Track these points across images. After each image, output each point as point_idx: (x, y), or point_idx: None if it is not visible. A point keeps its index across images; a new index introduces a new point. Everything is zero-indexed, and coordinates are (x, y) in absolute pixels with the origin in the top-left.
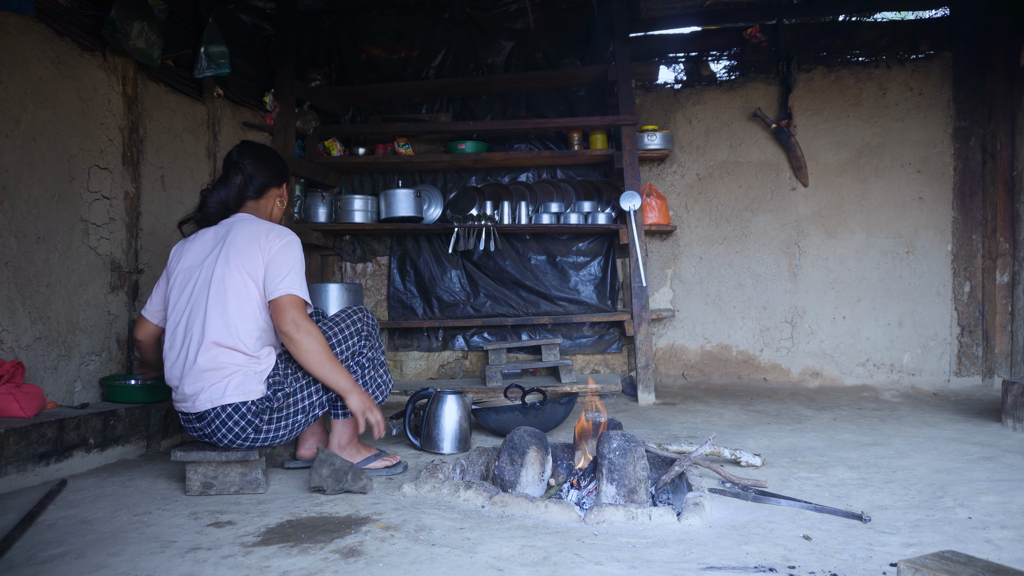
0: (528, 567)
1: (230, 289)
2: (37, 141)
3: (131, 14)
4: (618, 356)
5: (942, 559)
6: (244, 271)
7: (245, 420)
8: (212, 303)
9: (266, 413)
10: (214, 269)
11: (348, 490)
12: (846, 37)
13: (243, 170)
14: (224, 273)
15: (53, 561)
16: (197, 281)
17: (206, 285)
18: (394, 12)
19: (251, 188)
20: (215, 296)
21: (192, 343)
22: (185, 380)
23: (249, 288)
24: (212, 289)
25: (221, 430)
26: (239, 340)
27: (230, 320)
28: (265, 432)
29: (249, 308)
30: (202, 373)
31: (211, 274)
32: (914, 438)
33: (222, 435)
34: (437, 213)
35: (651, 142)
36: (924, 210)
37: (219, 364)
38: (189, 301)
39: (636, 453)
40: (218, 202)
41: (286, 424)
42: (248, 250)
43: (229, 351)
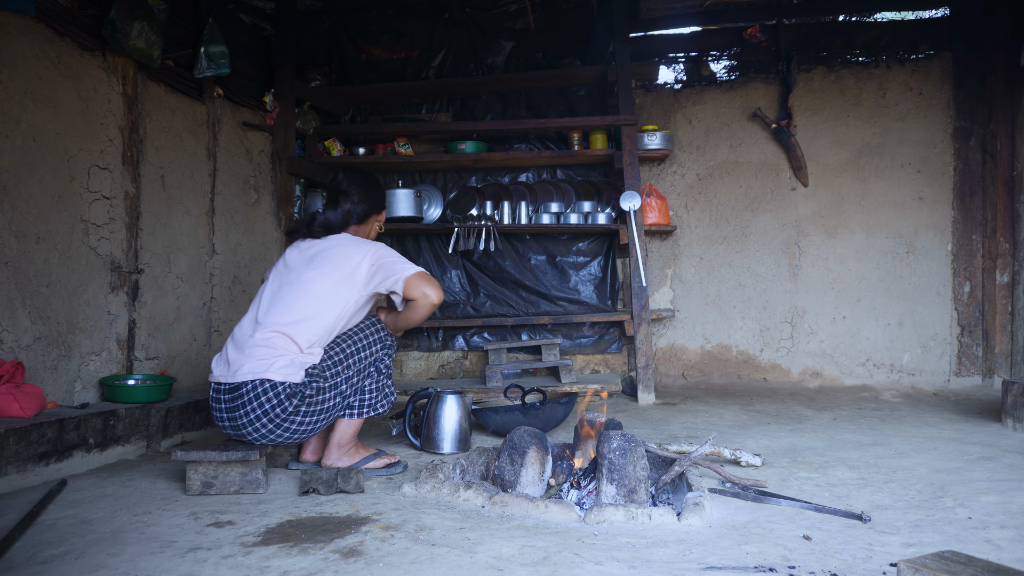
0: (528, 567)
1: (311, 292)
2: (37, 141)
3: (131, 14)
4: (618, 356)
5: (942, 559)
6: (331, 283)
7: (277, 399)
8: (290, 298)
9: (297, 398)
10: (303, 272)
11: (342, 490)
12: (846, 37)
13: (351, 199)
14: (311, 277)
15: (53, 561)
16: (286, 280)
17: (293, 284)
18: (394, 12)
19: (355, 215)
20: (295, 294)
21: (258, 322)
22: (235, 348)
23: (334, 299)
24: (296, 288)
25: (251, 404)
26: (300, 335)
27: (301, 316)
28: (289, 420)
29: (332, 312)
30: (254, 348)
31: (300, 276)
32: (914, 438)
33: (250, 409)
34: (437, 213)
35: (651, 142)
36: (924, 210)
37: (272, 345)
38: (274, 294)
39: (636, 453)
40: (324, 223)
41: (308, 420)
42: (340, 263)
43: (287, 340)
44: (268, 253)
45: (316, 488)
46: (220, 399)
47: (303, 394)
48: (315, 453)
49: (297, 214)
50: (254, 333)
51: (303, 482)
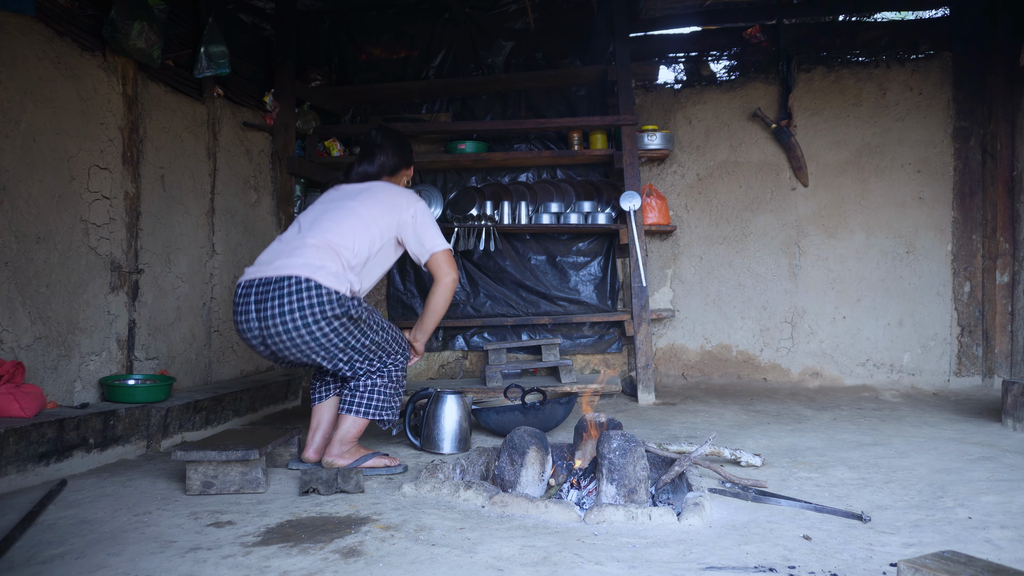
0: (528, 567)
1: (356, 214)
2: (37, 141)
3: (131, 14)
4: (618, 356)
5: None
6: (374, 213)
7: (319, 300)
8: (336, 219)
9: (340, 309)
10: (350, 202)
11: (342, 490)
12: (846, 37)
13: (386, 152)
14: (358, 206)
15: (53, 561)
16: (330, 208)
17: (337, 209)
18: (394, 12)
19: (388, 167)
20: (340, 216)
21: (301, 233)
22: (271, 254)
23: (372, 226)
24: (341, 212)
25: (289, 297)
26: (345, 253)
27: (346, 235)
28: (321, 328)
29: (367, 238)
30: (298, 249)
31: (346, 204)
32: (914, 438)
33: (287, 303)
34: (437, 213)
35: (651, 142)
36: (924, 210)
37: (320, 254)
38: (317, 217)
39: (636, 453)
40: (361, 174)
41: (336, 343)
42: (385, 200)
43: (333, 253)
44: None
45: (316, 488)
46: (250, 294)
47: (348, 310)
48: (317, 453)
49: (297, 214)
50: (300, 242)
51: (303, 482)
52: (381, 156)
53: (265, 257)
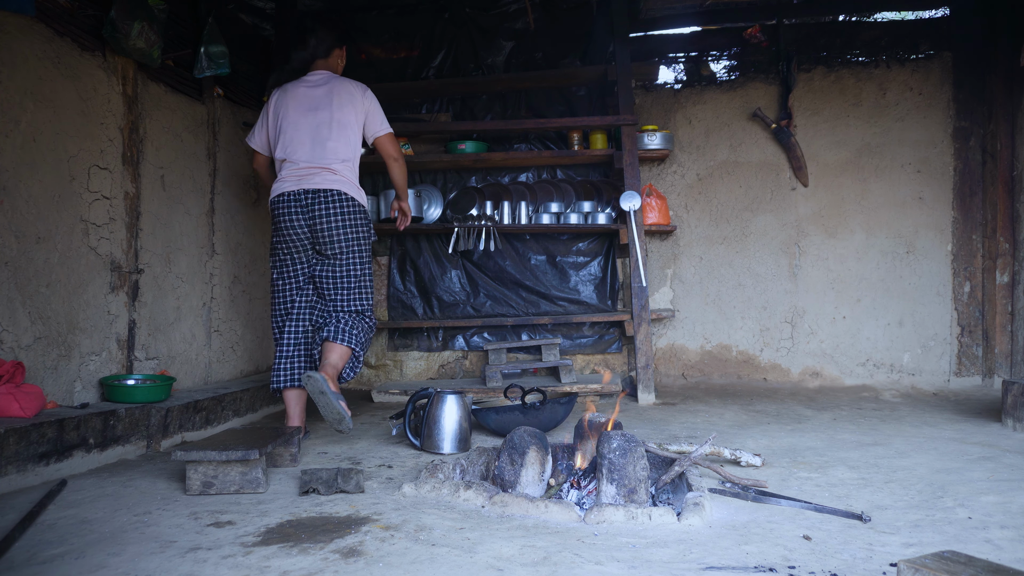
0: (528, 567)
1: (346, 133)
2: (37, 141)
3: (131, 14)
4: (618, 356)
5: (942, 559)
6: (351, 116)
7: (362, 211)
8: (334, 136)
9: (367, 220)
10: (331, 111)
11: (342, 490)
12: (846, 37)
13: (316, 35)
14: (340, 116)
15: (53, 561)
16: (317, 118)
17: (327, 122)
18: (394, 12)
19: (321, 49)
20: (335, 133)
21: (315, 153)
22: (299, 168)
23: (354, 129)
24: (333, 125)
25: (338, 208)
26: (349, 172)
27: (346, 156)
28: (364, 232)
29: (355, 151)
30: (323, 171)
31: (330, 115)
32: (914, 438)
33: (338, 211)
34: (437, 213)
35: (651, 142)
36: (924, 210)
37: (338, 174)
38: (315, 130)
39: (636, 453)
40: (300, 60)
41: (366, 252)
42: (351, 101)
43: (347, 174)
44: (268, 253)
45: (316, 488)
46: (298, 202)
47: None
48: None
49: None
50: (318, 160)
51: (303, 482)
52: (313, 39)
53: (295, 173)
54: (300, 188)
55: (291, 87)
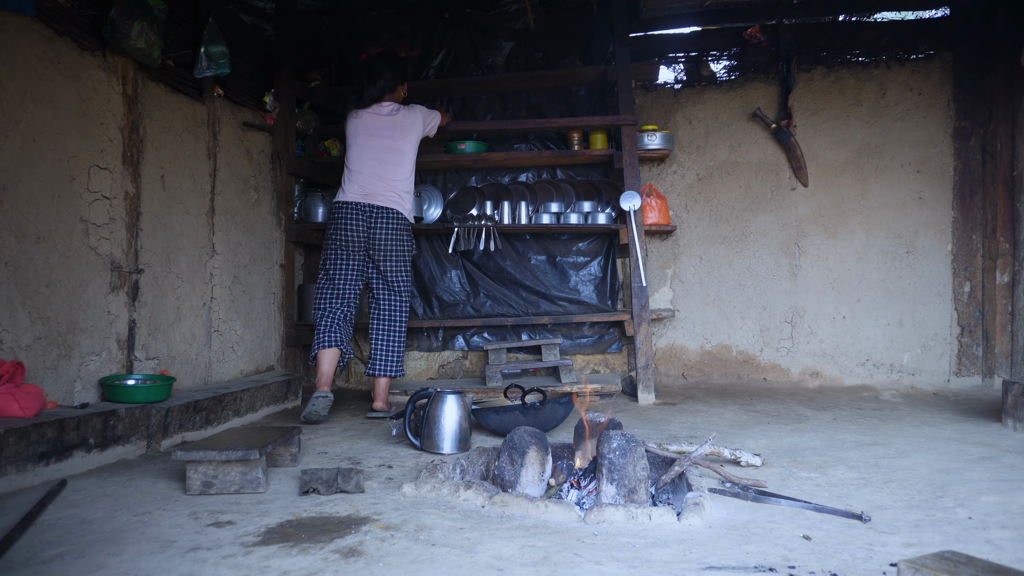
0: (528, 567)
1: (406, 159)
2: (37, 141)
3: (131, 14)
4: (618, 356)
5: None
6: (410, 144)
7: (407, 226)
8: (395, 162)
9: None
10: (394, 140)
11: (342, 490)
12: (846, 37)
13: (384, 76)
14: (402, 144)
15: (53, 561)
16: (384, 145)
17: (391, 150)
18: (394, 12)
19: (388, 88)
20: (396, 159)
21: (379, 176)
22: (365, 187)
23: (410, 156)
24: (395, 154)
25: (390, 223)
26: (406, 198)
27: (404, 179)
28: (408, 247)
29: (408, 168)
30: (385, 192)
31: (393, 143)
32: (914, 438)
33: (390, 227)
34: (437, 213)
35: (651, 142)
36: (924, 210)
37: (398, 195)
38: (382, 154)
39: (636, 453)
40: (370, 96)
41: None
42: (412, 129)
43: (403, 197)
44: (268, 253)
45: (316, 488)
46: (361, 212)
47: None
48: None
49: (297, 214)
50: (380, 182)
51: (303, 482)
52: (380, 80)
53: (363, 189)
54: (364, 202)
55: (364, 113)
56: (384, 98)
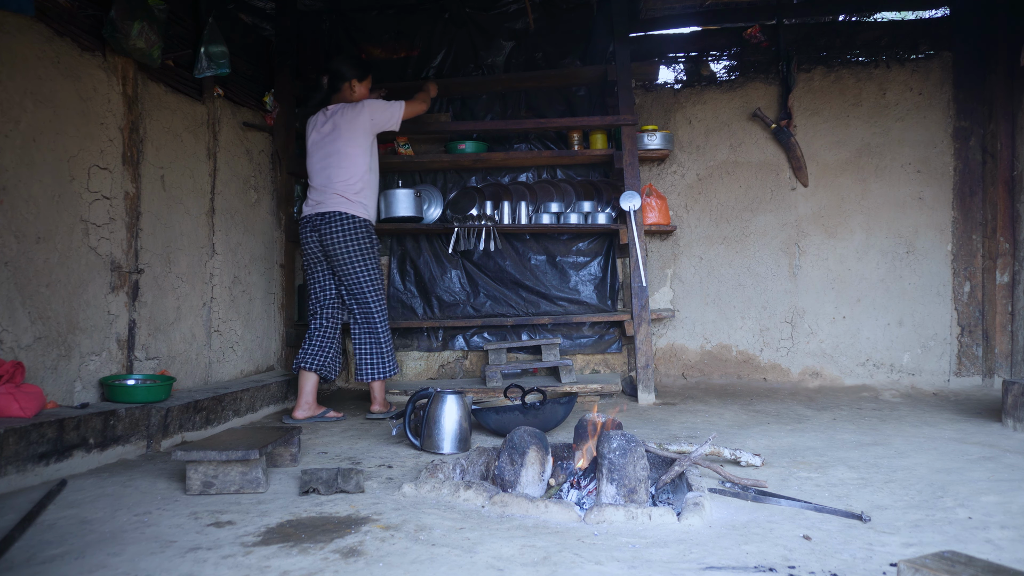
0: (528, 567)
1: (347, 156)
2: (37, 141)
3: (131, 14)
4: (618, 356)
5: (942, 559)
6: (353, 145)
7: (355, 225)
8: (336, 167)
9: (371, 232)
10: (336, 144)
11: (342, 490)
12: (846, 37)
13: (330, 75)
14: (343, 146)
15: (53, 561)
16: (325, 150)
17: (333, 153)
18: (394, 12)
19: (333, 87)
20: (338, 160)
21: (325, 185)
22: (316, 198)
23: (357, 155)
24: (337, 156)
25: (337, 227)
26: (348, 188)
27: (344, 176)
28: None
29: (355, 167)
30: (331, 196)
31: (335, 148)
32: (914, 438)
33: (337, 230)
34: (437, 213)
35: (651, 142)
36: (924, 210)
37: (343, 197)
38: (324, 161)
39: (636, 453)
40: (316, 101)
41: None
42: (352, 128)
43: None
44: (268, 253)
45: (316, 488)
46: (312, 224)
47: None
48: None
49: (297, 214)
50: (327, 189)
51: (303, 482)
52: (324, 80)
53: (314, 200)
54: (314, 212)
55: (312, 119)
56: (332, 99)
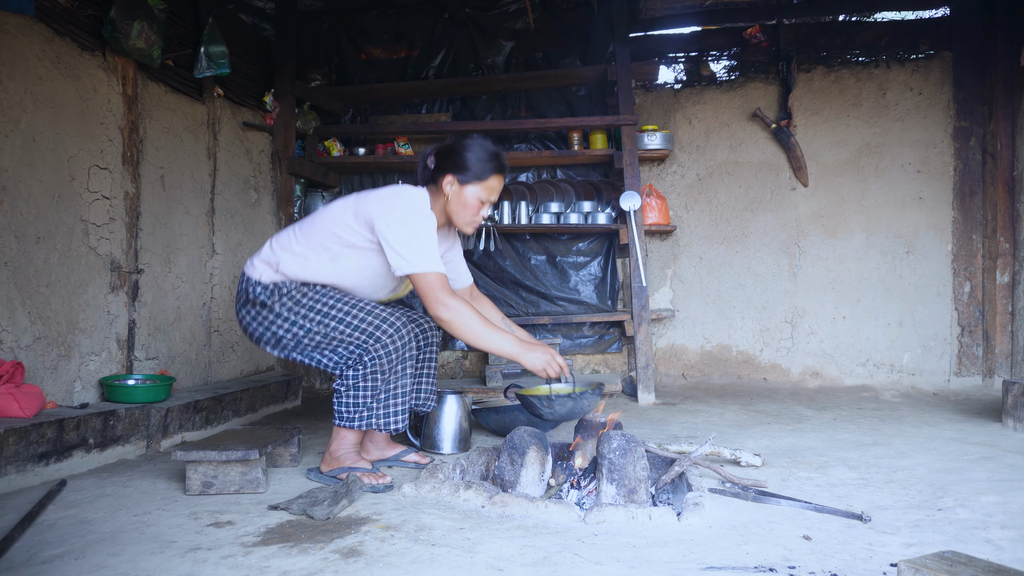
0: (528, 567)
1: (302, 222)
2: (37, 141)
3: (131, 14)
4: (618, 356)
5: (942, 559)
6: (326, 212)
7: (245, 291)
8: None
9: (264, 296)
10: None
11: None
12: (846, 37)
13: (424, 156)
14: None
15: (53, 561)
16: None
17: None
18: (394, 12)
19: (421, 176)
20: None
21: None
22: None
23: (318, 219)
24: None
25: (238, 290)
26: (275, 242)
27: (284, 237)
28: (249, 316)
29: (303, 226)
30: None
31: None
32: (914, 438)
33: (239, 294)
34: None
35: (651, 142)
36: (924, 210)
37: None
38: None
39: (636, 453)
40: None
41: (261, 328)
42: (341, 203)
43: (268, 248)
44: None
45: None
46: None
47: (264, 299)
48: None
49: (297, 214)
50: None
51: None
52: (419, 163)
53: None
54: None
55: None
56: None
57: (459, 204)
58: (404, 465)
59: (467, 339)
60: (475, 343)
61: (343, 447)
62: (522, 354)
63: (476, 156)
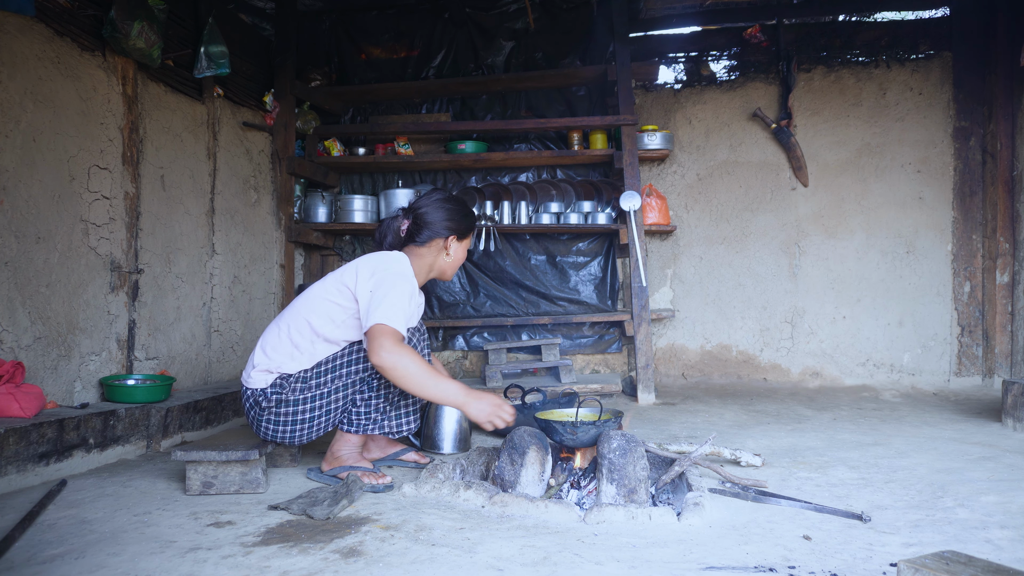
0: (528, 567)
1: (284, 323)
2: (37, 141)
3: (131, 14)
4: (618, 356)
5: (942, 559)
6: (308, 302)
7: (248, 403)
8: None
9: (263, 401)
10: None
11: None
12: (846, 37)
13: (408, 216)
14: (298, 305)
15: (53, 561)
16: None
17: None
18: (394, 12)
19: (392, 241)
20: (275, 329)
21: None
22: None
23: (298, 319)
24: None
25: (242, 403)
26: (268, 345)
27: (275, 337)
28: (259, 421)
29: (293, 326)
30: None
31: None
32: (914, 438)
33: (245, 408)
34: None
35: (651, 142)
36: (924, 210)
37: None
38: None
39: (636, 453)
40: (379, 235)
41: (277, 424)
42: (325, 283)
43: (260, 353)
44: (268, 253)
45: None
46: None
47: (266, 401)
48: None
49: (297, 214)
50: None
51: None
52: (395, 221)
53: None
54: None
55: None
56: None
57: (457, 258)
58: (404, 465)
59: (409, 386)
60: (417, 391)
61: (345, 447)
62: (468, 403)
63: (462, 211)
